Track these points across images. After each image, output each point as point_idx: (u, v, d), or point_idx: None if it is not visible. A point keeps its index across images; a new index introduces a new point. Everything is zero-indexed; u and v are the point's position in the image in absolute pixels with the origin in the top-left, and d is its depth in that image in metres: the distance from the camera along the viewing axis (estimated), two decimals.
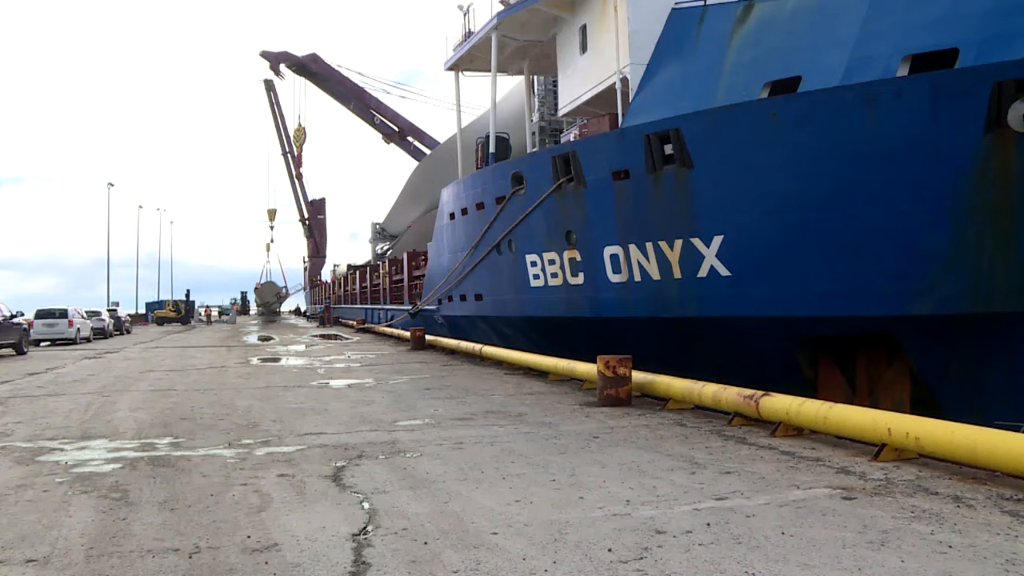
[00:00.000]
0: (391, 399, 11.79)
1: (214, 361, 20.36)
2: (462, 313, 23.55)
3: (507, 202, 18.98)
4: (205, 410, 10.86)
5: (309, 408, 10.91)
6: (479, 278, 21.53)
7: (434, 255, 26.79)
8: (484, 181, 20.68)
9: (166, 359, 21.37)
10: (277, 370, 17.54)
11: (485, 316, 21.70)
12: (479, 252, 20.98)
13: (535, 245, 17.98)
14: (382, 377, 15.30)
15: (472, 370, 16.44)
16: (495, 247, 19.91)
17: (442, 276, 24.49)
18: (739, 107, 12.43)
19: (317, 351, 24.39)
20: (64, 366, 19.23)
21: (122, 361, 20.79)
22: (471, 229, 21.76)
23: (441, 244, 25.27)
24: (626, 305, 15.22)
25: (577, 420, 9.43)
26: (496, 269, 20.22)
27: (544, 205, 17.32)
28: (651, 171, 14.13)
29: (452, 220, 23.56)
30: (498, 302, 20.46)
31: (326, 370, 17.18)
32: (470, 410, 10.42)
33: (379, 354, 22.25)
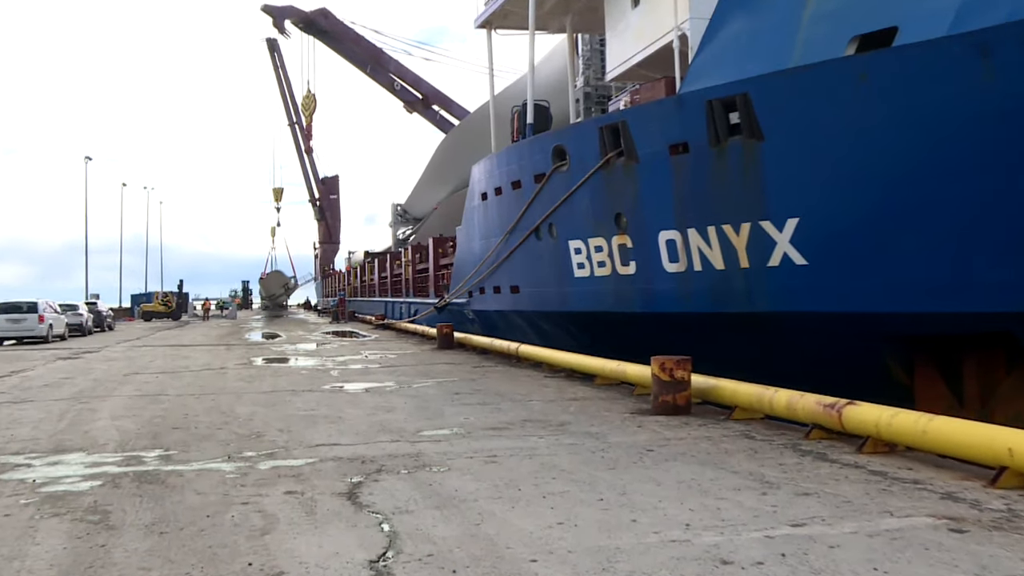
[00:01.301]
0: (415, 405, 11.80)
1: (211, 362, 20.62)
2: (495, 307, 23.60)
3: (547, 180, 18.97)
4: (201, 418, 10.95)
5: (321, 416, 10.96)
6: (515, 267, 21.55)
7: (463, 241, 26.86)
8: (521, 156, 20.69)
9: (155, 360, 21.67)
10: (284, 372, 17.72)
11: (522, 311, 21.74)
12: (515, 238, 21.01)
13: (579, 230, 17.95)
14: (404, 380, 15.34)
15: (507, 372, 16.44)
16: (533, 232, 19.92)
17: (473, 265, 24.57)
18: (820, 67, 12.15)
19: (330, 350, 24.60)
20: (32, 368, 19.38)
21: (103, 362, 21.09)
22: (506, 211, 21.77)
23: (471, 228, 25.33)
24: (684, 298, 15.13)
25: (628, 430, 9.38)
26: (535, 257, 20.22)
27: (590, 183, 17.29)
28: (714, 143, 13.99)
29: (484, 201, 23.61)
30: (537, 295, 20.48)
31: (340, 372, 17.29)
32: (505, 418, 10.41)
33: (401, 354, 22.36)
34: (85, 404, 12.52)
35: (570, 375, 15.30)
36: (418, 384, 14.61)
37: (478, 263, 23.85)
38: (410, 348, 24.62)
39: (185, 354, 23.61)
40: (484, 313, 24.89)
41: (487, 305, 24.23)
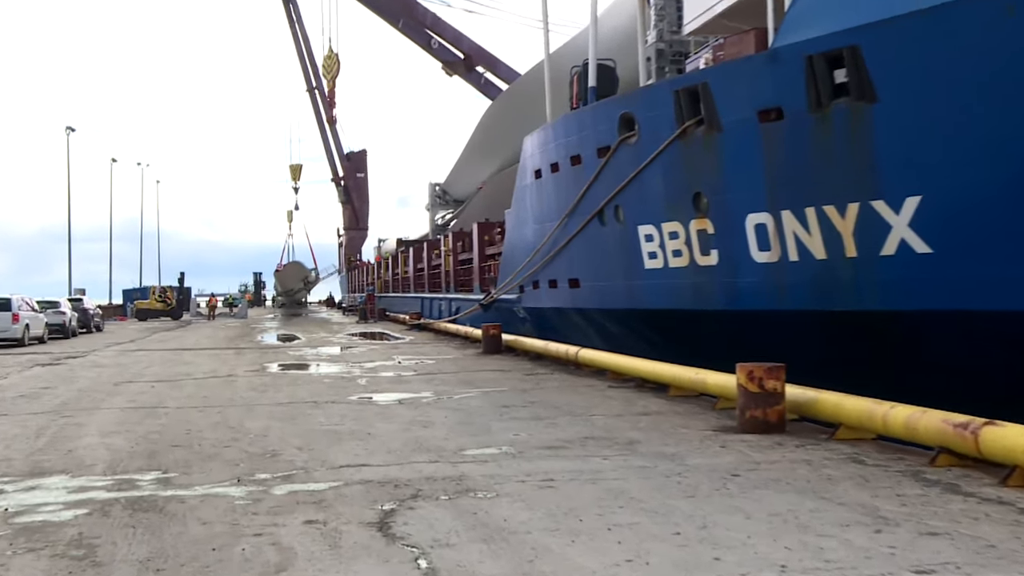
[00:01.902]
0: (456, 419, 11.84)
1: (218, 368, 20.94)
2: (551, 304, 23.64)
3: (612, 154, 18.96)
4: (205, 434, 11.06)
5: (347, 431, 11.03)
6: (574, 257, 21.57)
7: (514, 226, 26.90)
8: (581, 126, 20.68)
9: (152, 366, 22.03)
10: (304, 380, 17.90)
11: (582, 308, 21.76)
12: (574, 222, 21.03)
13: (651, 213, 17.92)
14: (444, 390, 15.39)
15: (565, 381, 16.43)
16: (596, 215, 19.92)
17: (524, 255, 24.64)
18: (950, 6, 11.84)
19: (357, 355, 24.83)
20: (5, 376, 19.68)
21: (90, 369, 21.49)
22: (563, 191, 21.81)
23: (523, 211, 25.40)
24: (777, 294, 15.04)
25: (709, 451, 9.31)
26: (597, 245, 20.24)
27: (663, 158, 17.25)
28: (814, 107, 13.83)
29: (538, 179, 23.66)
30: (600, 290, 20.48)
31: (369, 381, 17.41)
32: (563, 435, 10.39)
33: (440, 359, 22.47)
34: (68, 418, 12.73)
35: (640, 385, 15.25)
36: (460, 395, 14.64)
37: (530, 252, 23.90)
38: (451, 352, 24.74)
39: (187, 359, 24.00)
40: (538, 311, 24.94)
41: (541, 302, 24.27)
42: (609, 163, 19.14)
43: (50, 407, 14.05)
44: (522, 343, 22.68)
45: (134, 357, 25.28)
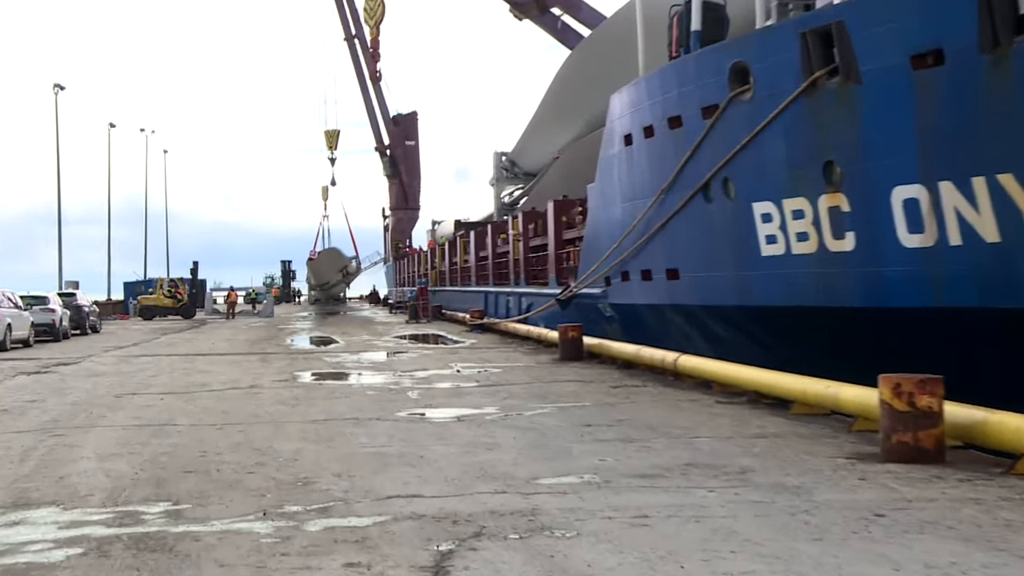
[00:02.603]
0: (528, 441, 11.85)
1: (239, 378, 21.23)
2: (644, 300, 23.61)
3: (721, 114, 18.93)
4: (225, 457, 11.18)
5: (395, 454, 11.08)
6: (673, 243, 21.59)
7: (598, 205, 26.87)
8: (682, 80, 20.66)
9: (159, 375, 22.39)
10: (343, 393, 18.04)
11: (682, 305, 21.75)
12: (673, 199, 21.04)
13: (769, 186, 17.87)
14: (513, 405, 15.42)
15: (661, 395, 16.40)
16: (700, 190, 19.92)
17: (611, 239, 24.69)
18: None
19: (407, 362, 24.99)
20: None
21: (85, 378, 21.84)
22: (660, 161, 21.79)
23: (610, 186, 25.39)
24: (932, 288, 14.87)
25: (843, 484, 9.18)
26: (702, 227, 20.24)
27: (786, 118, 17.18)
28: (988, 47, 13.59)
29: (628, 147, 23.63)
30: (705, 282, 20.47)
31: (422, 393, 17.51)
32: (659, 461, 10.34)
33: (508, 367, 22.53)
34: (60, 438, 12.94)
35: (754, 400, 15.15)
36: (533, 411, 14.65)
37: (619, 236, 23.92)
38: (520, 359, 24.78)
39: (202, 367, 24.38)
40: (627, 308, 24.91)
41: (632, 297, 24.24)
42: (717, 125, 19.10)
43: (37, 424, 14.28)
44: (608, 348, 22.64)
45: (138, 364, 25.74)
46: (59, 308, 39.87)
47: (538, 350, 27.64)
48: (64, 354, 30.20)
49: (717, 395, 16.11)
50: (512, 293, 42.20)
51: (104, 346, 34.39)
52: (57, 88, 67.81)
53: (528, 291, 39.14)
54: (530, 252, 40.65)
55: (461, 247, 59.02)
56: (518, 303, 40.19)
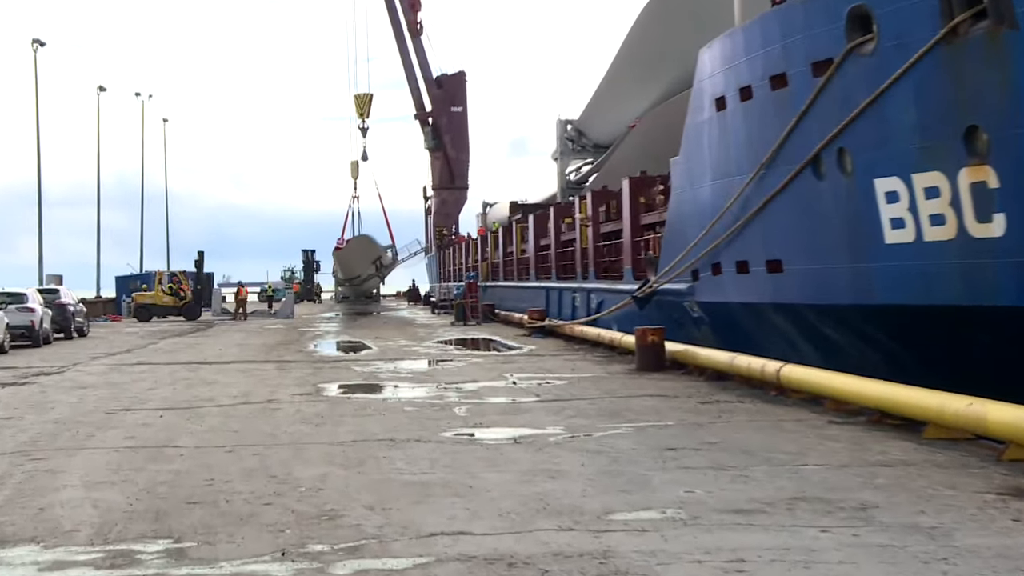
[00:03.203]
0: (598, 468, 11.84)
1: (253, 391, 21.36)
2: (739, 297, 23.55)
3: (837, 70, 18.84)
4: (236, 486, 11.23)
5: (438, 483, 11.10)
6: (775, 228, 21.54)
7: (684, 182, 26.72)
8: (788, 30, 20.55)
9: (158, 387, 22.54)
10: (376, 409, 18.09)
11: (786, 303, 21.68)
12: (775, 176, 20.99)
13: (895, 158, 17.75)
14: (581, 424, 15.41)
15: (760, 412, 16.36)
16: (808, 164, 19.85)
17: (700, 225, 24.60)
18: None
19: (453, 372, 25.04)
20: None
21: (70, 391, 22.03)
22: (759, 128, 21.74)
23: (698, 160, 25.30)
24: None
25: (992, 526, 9.07)
26: (811, 209, 20.17)
27: (917, 74, 17.03)
28: None
29: (720, 112, 23.57)
30: (814, 276, 20.40)
31: (471, 410, 17.54)
32: (758, 494, 10.30)
33: (574, 378, 22.52)
34: (40, 462, 13.05)
35: (875, 420, 15.02)
36: (604, 431, 14.63)
37: (709, 221, 23.83)
38: (589, 368, 24.75)
39: (209, 378, 24.52)
40: (719, 308, 24.82)
41: (724, 294, 24.16)
42: (831, 84, 18.99)
43: (14, 446, 14.39)
44: (696, 356, 22.55)
45: (133, 374, 25.92)
46: (39, 307, 39.84)
47: (610, 358, 27.58)
48: (45, 362, 30.37)
49: (829, 413, 16.02)
50: (579, 290, 42.10)
51: (92, 352, 34.60)
52: (36, 44, 66.63)
53: (598, 287, 39.03)
54: (601, 240, 40.52)
55: (518, 234, 59.05)
56: (586, 301, 40.07)
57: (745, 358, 20.15)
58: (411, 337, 41.54)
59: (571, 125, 63.62)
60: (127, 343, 40.29)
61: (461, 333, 43.89)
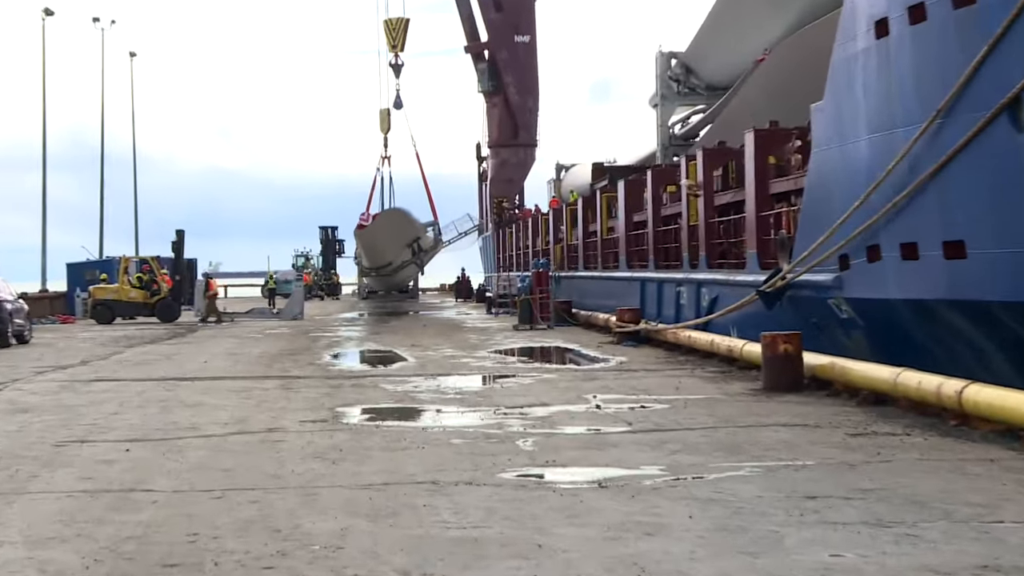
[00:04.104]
0: (712, 522, 11.86)
1: (249, 416, 21.48)
2: (905, 292, 23.53)
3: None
4: (227, 543, 11.32)
5: (495, 540, 11.14)
6: (955, 198, 21.55)
7: (829, 136, 26.66)
8: None
9: (124, 411, 22.66)
10: (413, 441, 18.15)
11: (970, 301, 21.73)
12: (957, 126, 21.00)
13: None
14: (688, 462, 15.43)
15: (935, 448, 16.31)
16: (1004, 110, 19.86)
17: (851, 194, 24.64)
18: None
19: (516, 392, 25.08)
20: None
21: (7, 417, 22.17)
22: (936, 63, 21.75)
23: (849, 106, 25.34)
24: None
25: None
26: (1005, 172, 20.20)
27: None
28: None
29: (881, 39, 23.52)
30: (1010, 262, 20.46)
31: (540, 443, 17.55)
32: (933, 560, 10.27)
33: (679, 400, 22.54)
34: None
35: None
36: (720, 472, 14.66)
37: (864, 189, 23.86)
38: (699, 387, 24.75)
39: (191, 398, 24.69)
40: (877, 306, 24.80)
41: (884, 287, 24.19)
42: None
43: None
44: (845, 371, 22.48)
45: (91, 394, 26.08)
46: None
47: (728, 374, 27.53)
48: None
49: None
50: (685, 282, 41.92)
51: (37, 365, 34.85)
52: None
53: (712, 278, 38.83)
54: (716, 215, 40.37)
55: (603, 207, 58.86)
56: (695, 298, 39.89)
57: (914, 375, 20.04)
58: (460, 345, 41.61)
59: (676, 60, 63.46)
60: (82, 352, 40.59)
61: (527, 340, 44.13)
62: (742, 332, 30.33)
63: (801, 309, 27.33)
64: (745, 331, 29.99)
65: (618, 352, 35.82)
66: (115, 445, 17.79)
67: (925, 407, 19.34)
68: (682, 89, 63.31)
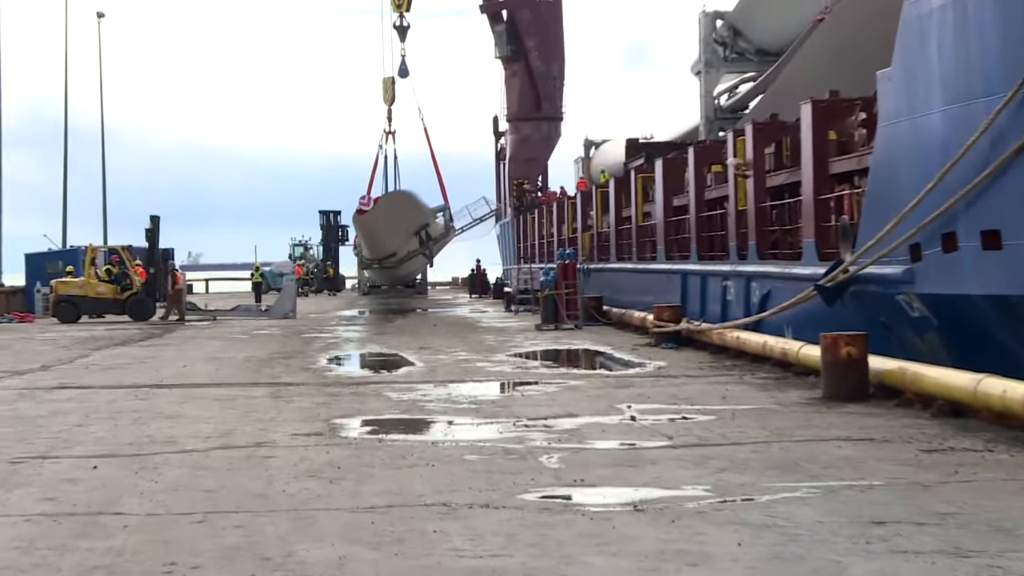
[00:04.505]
0: (765, 550, 11.88)
1: (235, 429, 21.57)
2: (987, 288, 23.56)
3: None
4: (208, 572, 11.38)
5: (515, 570, 11.17)
6: None
7: (899, 108, 26.75)
8: None
9: (91, 423, 22.74)
10: (421, 456, 18.20)
11: None
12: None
13: None
14: (736, 482, 15.43)
15: (1021, 465, 16.27)
16: None
17: (924, 175, 24.63)
18: None
19: (539, 401, 25.16)
20: None
21: None
22: (1018, 24, 21.76)
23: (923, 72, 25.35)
24: None
25: None
26: None
27: None
28: None
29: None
30: None
31: (566, 459, 17.58)
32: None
33: (726, 410, 22.62)
34: None
35: None
36: (773, 493, 14.67)
37: (939, 167, 23.85)
38: (748, 396, 24.82)
39: (169, 408, 24.78)
40: (954, 303, 24.82)
41: (963, 281, 24.19)
42: None
43: None
44: (918, 378, 22.47)
45: (52, 403, 26.19)
46: None
47: (782, 380, 27.54)
48: None
49: None
50: (732, 275, 41.88)
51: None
52: None
53: (763, 270, 38.79)
54: (768, 198, 40.36)
55: (639, 189, 58.89)
56: (744, 293, 39.86)
57: (997, 382, 20.01)
58: (475, 348, 41.72)
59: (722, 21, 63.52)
60: (43, 355, 40.78)
61: (552, 341, 44.19)
62: (798, 333, 30.34)
63: (866, 306, 27.32)
64: (802, 331, 29.99)
65: (656, 355, 35.92)
66: (81, 462, 17.84)
67: (1010, 419, 19.27)
68: (729, 54, 63.36)
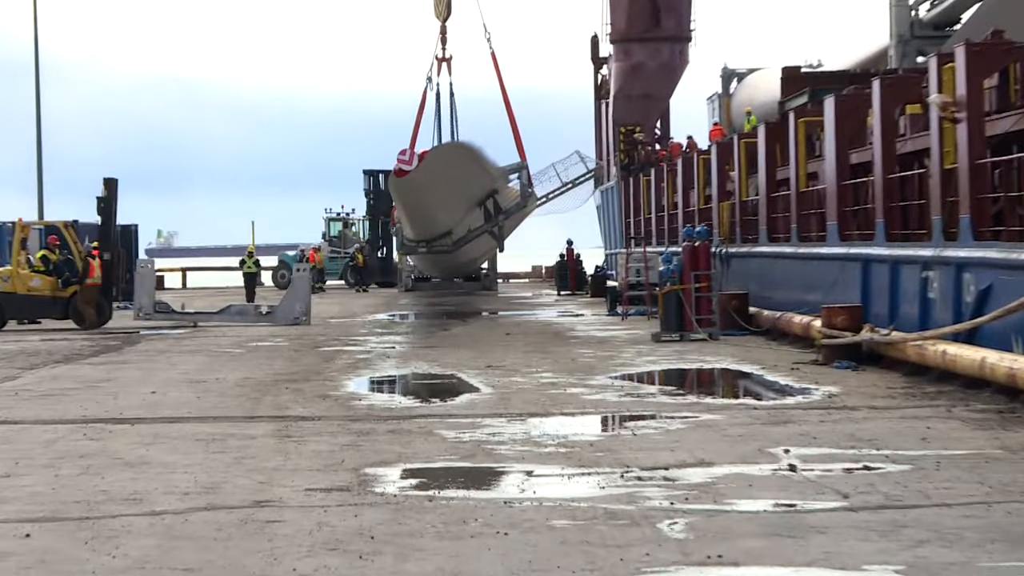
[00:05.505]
0: None
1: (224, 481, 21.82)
2: None
3: None
4: None
5: None
6: None
7: None
8: None
9: (20, 473, 23.07)
10: (486, 521, 18.25)
11: None
12: None
13: None
14: (938, 560, 15.43)
15: None
16: None
17: None
18: None
19: (656, 442, 25.32)
20: None
21: None
22: None
23: None
24: None
25: None
26: None
27: None
28: None
29: None
30: None
31: (695, 526, 17.61)
32: None
33: (926, 456, 22.68)
34: None
35: None
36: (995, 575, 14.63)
37: None
38: (959, 436, 24.87)
39: (131, 452, 24.99)
40: None
41: None
42: None
43: None
44: None
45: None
46: None
47: (1009, 415, 27.57)
48: None
49: None
50: (937, 262, 41.69)
51: None
52: None
53: (981, 256, 38.53)
54: (987, 152, 40.26)
55: (800, 140, 58.64)
56: (953, 288, 39.66)
57: None
58: (565, 366, 41.91)
59: None
60: None
61: (676, 358, 44.32)
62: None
63: None
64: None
65: (826, 378, 36.04)
66: (8, 528, 17.96)
67: None
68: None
